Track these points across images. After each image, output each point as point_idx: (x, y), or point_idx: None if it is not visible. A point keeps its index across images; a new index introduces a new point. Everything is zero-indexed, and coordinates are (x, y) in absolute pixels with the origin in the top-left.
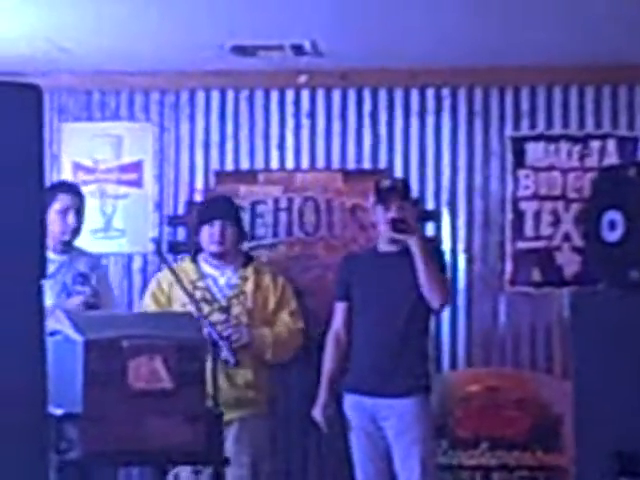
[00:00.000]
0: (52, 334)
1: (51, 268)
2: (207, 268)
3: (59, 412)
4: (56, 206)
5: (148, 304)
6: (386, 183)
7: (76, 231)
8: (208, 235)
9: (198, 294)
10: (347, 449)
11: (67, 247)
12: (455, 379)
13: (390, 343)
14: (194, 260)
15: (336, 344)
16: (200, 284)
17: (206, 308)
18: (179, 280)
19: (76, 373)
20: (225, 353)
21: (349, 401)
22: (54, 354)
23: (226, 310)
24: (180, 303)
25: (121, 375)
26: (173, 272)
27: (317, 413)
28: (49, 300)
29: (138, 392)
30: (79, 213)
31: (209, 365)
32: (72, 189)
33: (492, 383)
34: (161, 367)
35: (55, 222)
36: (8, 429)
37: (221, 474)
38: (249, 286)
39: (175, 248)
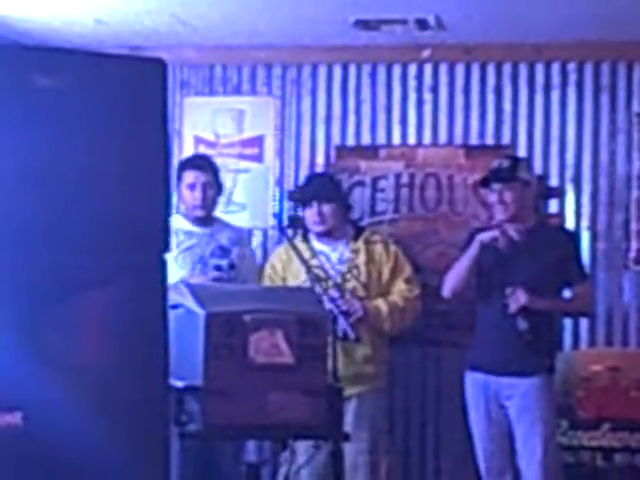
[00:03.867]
0: (174, 307)
1: (190, 240)
2: (318, 245)
3: (180, 384)
4: (185, 182)
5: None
6: (494, 164)
7: (207, 205)
8: (309, 216)
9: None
10: (466, 426)
11: (207, 220)
12: (577, 358)
13: (516, 322)
14: (306, 239)
15: None
16: (314, 262)
17: (321, 285)
18: (299, 254)
19: (197, 346)
20: (345, 327)
21: (471, 378)
22: (176, 327)
23: (340, 286)
24: (296, 282)
25: (242, 349)
26: (294, 247)
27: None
28: (182, 271)
29: (259, 366)
30: (206, 188)
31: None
32: (199, 165)
33: (615, 363)
34: (282, 341)
35: (186, 197)
36: (130, 401)
37: (340, 449)
38: (361, 259)
39: (295, 223)
